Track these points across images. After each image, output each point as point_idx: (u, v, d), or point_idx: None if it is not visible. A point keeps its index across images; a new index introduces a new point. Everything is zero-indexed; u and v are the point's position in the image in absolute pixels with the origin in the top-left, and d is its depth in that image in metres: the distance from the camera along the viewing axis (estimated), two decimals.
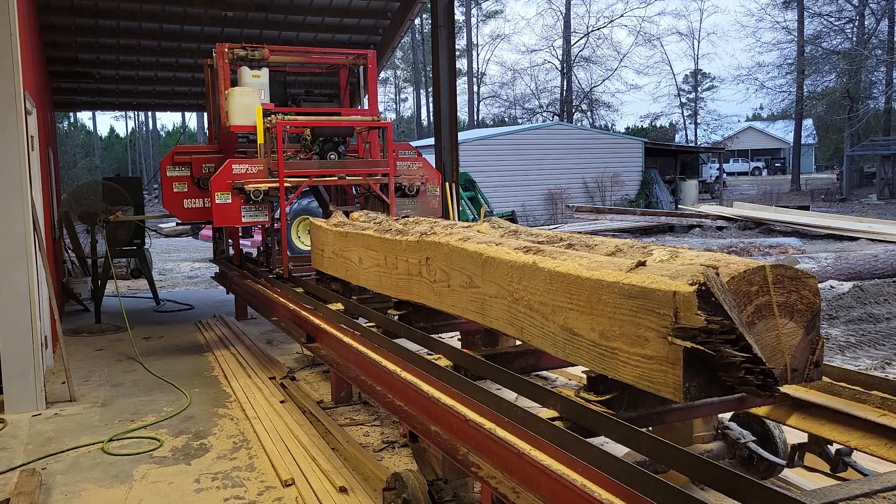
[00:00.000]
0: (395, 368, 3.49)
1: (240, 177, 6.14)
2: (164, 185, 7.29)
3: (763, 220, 19.94)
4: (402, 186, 6.83)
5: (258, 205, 6.17)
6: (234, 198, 6.10)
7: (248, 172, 6.17)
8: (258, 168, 6.26)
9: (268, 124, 6.29)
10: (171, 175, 7.27)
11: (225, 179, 6.12)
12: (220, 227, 8.04)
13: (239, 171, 6.18)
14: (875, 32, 35.02)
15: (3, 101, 5.04)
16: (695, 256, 2.49)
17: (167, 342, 7.54)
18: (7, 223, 5.07)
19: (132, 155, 53.03)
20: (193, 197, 7.33)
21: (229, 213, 6.10)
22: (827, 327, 7.52)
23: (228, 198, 6.06)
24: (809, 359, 2.29)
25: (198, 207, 7.34)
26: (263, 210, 6.24)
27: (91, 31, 10.73)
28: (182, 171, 7.29)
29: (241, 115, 7.16)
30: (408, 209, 6.68)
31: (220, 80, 7.59)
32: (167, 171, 7.26)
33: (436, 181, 7.08)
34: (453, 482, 3.03)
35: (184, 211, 7.34)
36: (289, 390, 5.48)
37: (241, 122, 7.13)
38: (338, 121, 6.75)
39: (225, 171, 6.18)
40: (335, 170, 6.45)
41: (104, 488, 3.88)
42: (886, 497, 2.02)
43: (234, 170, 6.18)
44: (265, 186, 6.17)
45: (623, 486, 2.01)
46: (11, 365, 5.17)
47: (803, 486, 3.26)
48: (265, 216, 6.31)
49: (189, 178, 7.30)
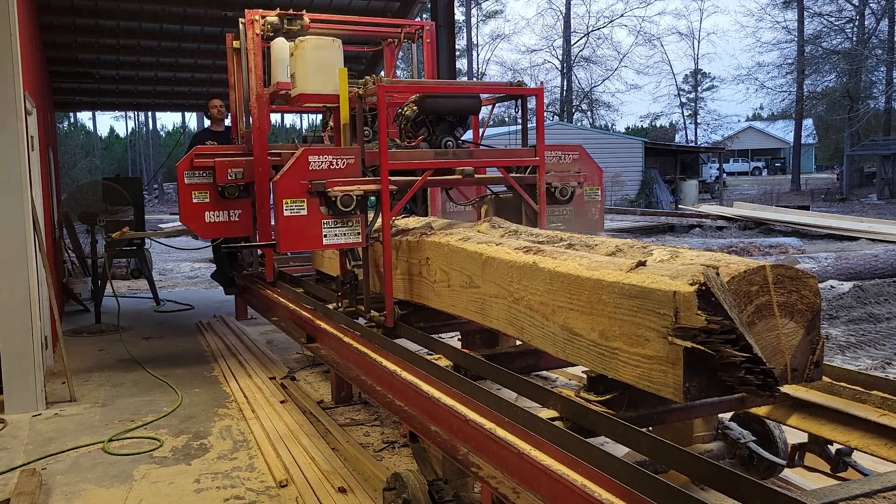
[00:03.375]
0: (395, 368, 3.49)
1: (321, 175, 3.93)
2: (182, 194, 6.02)
3: (763, 220, 19.94)
4: (552, 188, 4.61)
5: (348, 218, 3.99)
6: (313, 207, 3.93)
7: (332, 168, 3.97)
8: (348, 161, 4.00)
9: (359, 89, 4.17)
10: (189, 182, 6.00)
11: (298, 179, 3.91)
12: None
13: (319, 167, 3.96)
14: (875, 32, 35.03)
15: (3, 101, 5.03)
16: (695, 256, 2.49)
17: (167, 342, 7.53)
18: (7, 223, 5.07)
19: (132, 155, 53.05)
20: (217, 209, 6.08)
21: (305, 230, 3.93)
22: (827, 327, 7.52)
23: (303, 207, 3.90)
24: (810, 359, 2.29)
25: (222, 221, 6.11)
26: (355, 225, 4.01)
27: (91, 31, 10.72)
28: (203, 178, 6.04)
29: (315, 78, 4.92)
30: (558, 219, 4.62)
31: (250, 58, 6.10)
32: (185, 177, 6.01)
33: (597, 181, 4.89)
34: (453, 482, 3.03)
35: (205, 225, 6.09)
36: (289, 390, 5.48)
37: (315, 87, 4.93)
38: (463, 85, 4.74)
39: (298, 166, 3.93)
40: (460, 161, 4.20)
41: (104, 488, 3.88)
42: (886, 497, 2.01)
43: (312, 164, 3.94)
44: (360, 190, 3.97)
45: (623, 486, 2.01)
46: (11, 365, 5.17)
47: (803, 486, 3.25)
48: (358, 235, 4.04)
49: (211, 186, 6.04)
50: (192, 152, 6.07)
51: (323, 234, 3.95)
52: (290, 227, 3.88)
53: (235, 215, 6.11)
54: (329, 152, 3.98)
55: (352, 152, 4.02)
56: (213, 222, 6.09)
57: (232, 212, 6.12)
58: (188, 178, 6.01)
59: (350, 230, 4.02)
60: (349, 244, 4.08)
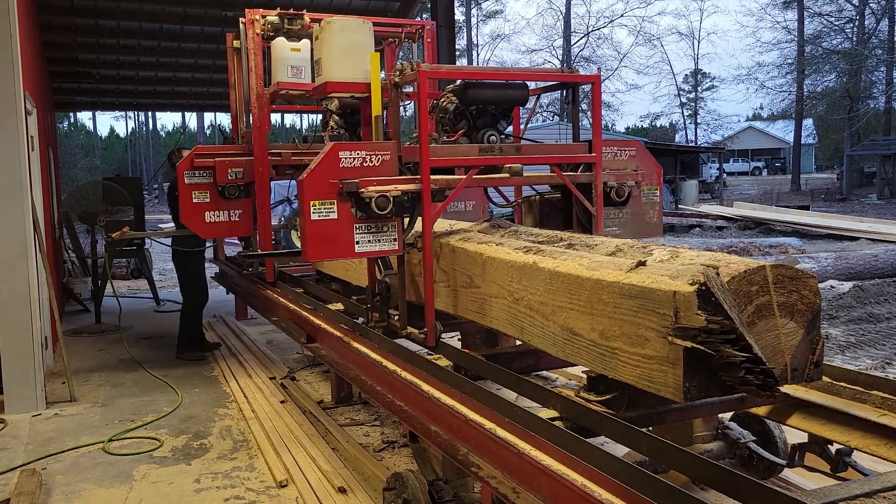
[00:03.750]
0: (395, 368, 3.49)
1: (352, 173, 3.44)
2: (182, 194, 5.95)
3: (763, 219, 19.94)
4: (607, 188, 4.10)
5: (383, 222, 3.53)
6: (344, 210, 3.46)
7: (365, 165, 3.48)
8: (384, 157, 3.52)
9: (395, 77, 3.69)
10: (190, 182, 5.92)
11: (327, 178, 3.41)
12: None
13: (350, 164, 3.46)
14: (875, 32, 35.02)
15: (3, 101, 5.04)
16: (695, 256, 2.49)
17: (168, 342, 7.53)
18: (7, 223, 5.07)
19: (132, 155, 53.07)
20: (217, 209, 6.00)
21: (335, 237, 3.44)
22: (827, 327, 7.52)
23: (333, 210, 3.44)
24: (810, 359, 2.29)
25: (222, 221, 6.03)
26: (391, 231, 3.55)
27: (91, 31, 10.72)
28: (203, 178, 5.96)
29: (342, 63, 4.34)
30: (612, 222, 4.14)
31: (251, 58, 6.02)
32: (185, 177, 5.92)
33: (655, 180, 4.31)
34: (453, 482, 3.03)
35: (205, 226, 6.03)
36: (289, 390, 5.48)
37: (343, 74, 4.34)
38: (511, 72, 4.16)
39: (327, 163, 3.43)
40: (507, 158, 3.72)
41: (104, 488, 3.88)
42: (886, 497, 2.01)
43: (343, 161, 3.44)
44: (397, 190, 3.48)
45: (623, 486, 2.01)
46: (12, 365, 5.17)
47: (803, 486, 3.25)
48: (394, 242, 3.58)
49: (211, 186, 5.96)
50: (192, 151, 6.03)
51: (355, 241, 3.46)
52: (318, 233, 3.38)
53: (236, 215, 6.03)
54: (362, 147, 3.47)
55: (387, 147, 3.51)
56: (214, 222, 6.01)
57: (232, 212, 6.04)
58: (188, 178, 5.92)
59: (385, 236, 3.53)
60: (384, 252, 3.60)
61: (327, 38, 4.40)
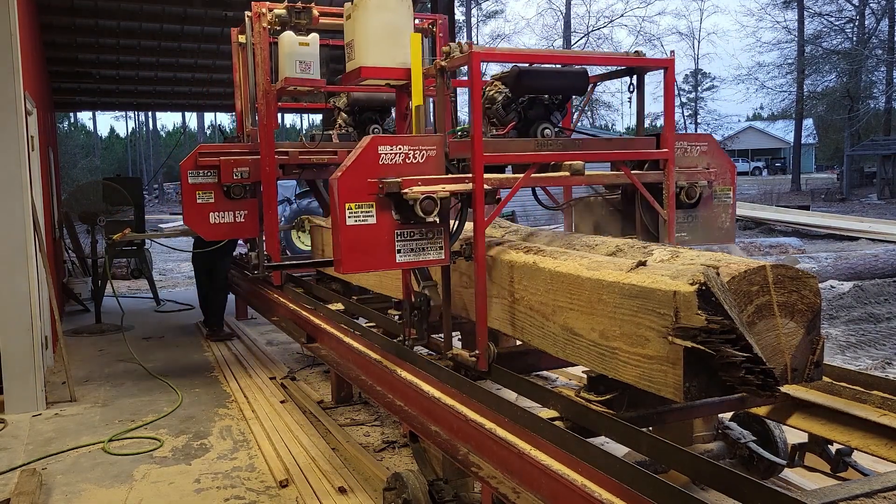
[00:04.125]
0: (394, 368, 3.49)
1: (393, 170, 2.98)
2: (185, 194, 5.72)
3: (763, 219, 19.94)
4: (676, 188, 3.53)
5: (428, 228, 3.05)
6: (384, 214, 2.99)
7: (407, 162, 3.03)
8: (429, 153, 3.06)
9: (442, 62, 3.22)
10: (193, 182, 5.69)
11: (365, 176, 2.95)
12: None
13: (392, 160, 3.00)
14: (875, 32, 35.03)
15: (4, 101, 5.04)
16: (695, 256, 2.49)
17: (167, 342, 7.53)
18: (7, 223, 5.07)
19: (132, 155, 53.07)
20: (222, 209, 5.76)
21: (373, 245, 2.98)
22: (827, 327, 7.52)
23: (371, 214, 2.97)
24: (810, 359, 2.29)
25: (227, 223, 5.79)
26: (437, 238, 3.08)
27: (91, 31, 10.72)
28: (208, 177, 5.72)
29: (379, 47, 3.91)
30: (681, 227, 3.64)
31: (257, 53, 5.76)
32: (189, 176, 5.69)
33: (728, 179, 3.83)
34: (454, 482, 3.03)
35: (209, 227, 5.78)
36: (289, 390, 5.48)
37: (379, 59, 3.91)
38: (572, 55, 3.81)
39: (365, 159, 2.97)
40: (567, 154, 3.26)
41: (104, 488, 3.88)
42: (886, 497, 2.01)
43: (383, 157, 2.98)
44: (445, 191, 3.00)
45: (623, 486, 2.01)
46: (12, 365, 5.17)
47: (803, 486, 3.26)
48: (440, 251, 3.10)
49: (216, 186, 5.74)
50: (196, 150, 5.80)
51: (396, 250, 2.98)
52: (353, 240, 2.91)
53: (241, 216, 5.82)
54: (405, 141, 3.01)
55: (433, 142, 3.05)
56: (218, 223, 5.77)
57: (237, 212, 5.80)
58: (192, 177, 5.69)
59: (430, 244, 3.05)
60: (429, 262, 3.11)
61: (361, 17, 3.92)
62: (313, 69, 5.54)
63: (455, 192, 3.04)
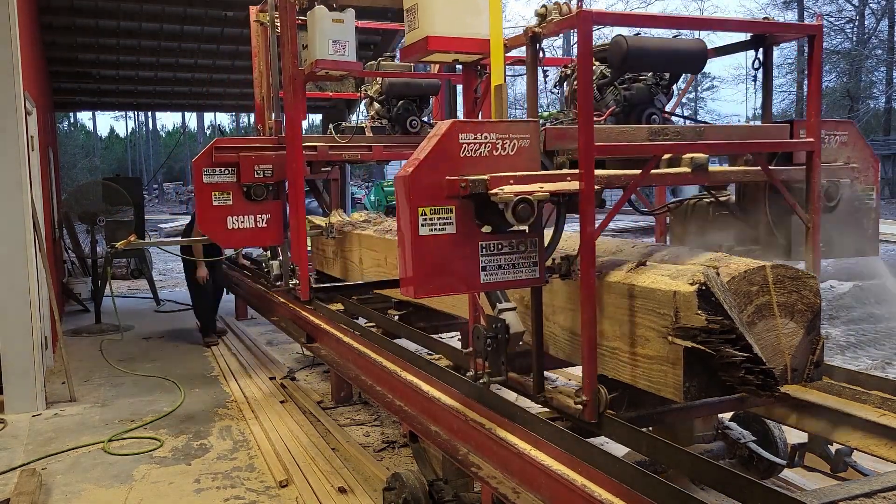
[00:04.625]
0: (395, 368, 3.49)
1: (478, 165, 2.38)
2: (199, 195, 5.01)
3: None
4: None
5: (519, 239, 2.46)
6: (466, 221, 2.38)
7: (495, 154, 2.41)
8: (521, 143, 2.44)
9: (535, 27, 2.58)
10: (209, 181, 4.99)
11: (443, 172, 2.35)
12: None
13: (475, 152, 2.39)
14: (875, 32, 35.05)
15: (4, 101, 5.04)
16: (695, 256, 2.49)
17: (167, 342, 7.53)
18: (7, 223, 5.07)
19: (132, 155, 53.06)
20: (241, 213, 5.05)
21: (453, 261, 2.37)
22: (827, 327, 7.52)
23: (450, 221, 2.36)
24: (810, 359, 2.29)
25: (247, 229, 5.08)
26: (530, 251, 2.47)
27: (91, 31, 10.72)
28: (225, 176, 5.00)
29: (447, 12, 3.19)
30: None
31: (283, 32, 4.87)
32: (203, 174, 4.99)
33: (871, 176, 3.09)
34: (453, 482, 3.03)
35: (226, 233, 5.07)
36: (289, 390, 5.48)
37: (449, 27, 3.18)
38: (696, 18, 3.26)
39: (442, 149, 2.36)
40: (688, 145, 2.60)
41: (104, 488, 3.88)
42: (886, 497, 2.01)
43: (465, 147, 2.37)
44: (544, 192, 2.32)
45: (623, 486, 2.01)
46: (11, 365, 5.17)
47: (803, 486, 3.26)
48: (534, 267, 2.49)
49: (235, 186, 5.03)
50: (211, 144, 5.14)
51: (480, 267, 2.37)
52: (428, 255, 2.29)
53: (263, 221, 5.13)
54: (491, 127, 2.38)
55: (526, 129, 2.42)
56: (237, 229, 5.06)
57: (259, 216, 5.10)
58: (207, 175, 4.99)
59: (522, 259, 2.43)
60: (520, 283, 2.48)
61: None
62: (349, 51, 4.76)
63: (557, 192, 2.35)
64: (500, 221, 2.31)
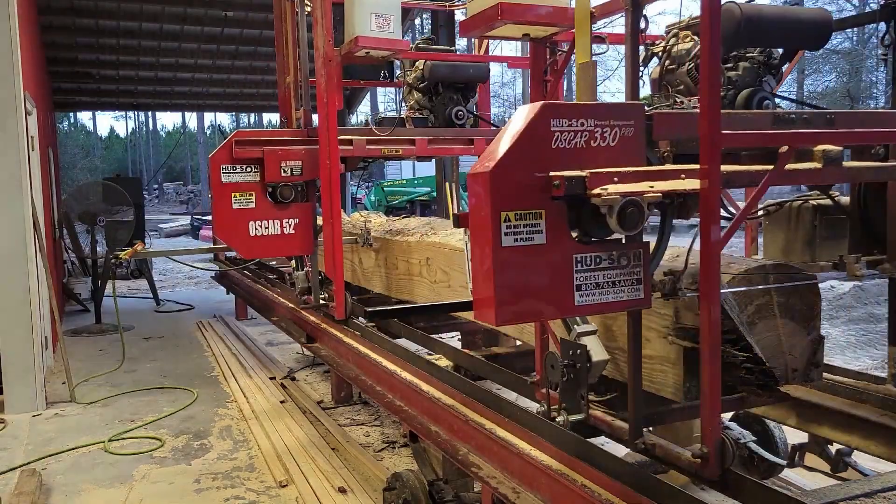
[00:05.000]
0: (395, 368, 3.49)
1: (573, 158, 1.86)
2: (217, 197, 4.44)
3: None
4: None
5: (621, 251, 1.95)
6: (559, 229, 1.87)
7: (592, 145, 1.89)
8: (623, 131, 1.92)
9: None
10: (228, 181, 4.39)
11: (531, 167, 1.83)
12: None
13: (569, 143, 1.86)
14: (875, 32, 35.02)
15: (4, 101, 5.04)
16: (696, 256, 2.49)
17: (167, 342, 7.53)
18: (7, 223, 5.07)
19: (132, 155, 53.05)
20: (265, 217, 4.47)
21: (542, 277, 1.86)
22: (827, 327, 7.52)
23: (539, 228, 1.84)
24: (810, 359, 2.28)
25: (272, 236, 4.51)
26: (633, 266, 1.97)
27: (91, 31, 10.73)
28: (247, 174, 4.41)
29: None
30: None
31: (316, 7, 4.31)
32: (222, 172, 4.38)
33: None
34: (454, 482, 3.03)
35: (248, 241, 4.48)
36: (289, 390, 5.48)
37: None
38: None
39: (528, 137, 1.83)
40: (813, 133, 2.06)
41: (104, 488, 3.88)
42: (886, 497, 2.01)
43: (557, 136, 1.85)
44: (656, 192, 1.84)
45: (623, 486, 2.01)
46: (11, 365, 5.16)
47: (803, 486, 3.25)
48: (638, 286, 1.98)
49: (258, 186, 4.45)
50: (231, 137, 4.48)
51: (575, 286, 1.91)
52: (513, 270, 1.83)
53: (290, 226, 4.56)
54: (588, 112, 1.89)
55: (629, 113, 1.95)
56: (260, 236, 4.47)
57: (286, 221, 4.53)
58: (226, 174, 4.38)
59: (625, 275, 1.97)
60: (621, 306, 2.00)
61: None
62: (394, 26, 4.16)
63: (674, 192, 1.92)
64: (598, 229, 1.88)
